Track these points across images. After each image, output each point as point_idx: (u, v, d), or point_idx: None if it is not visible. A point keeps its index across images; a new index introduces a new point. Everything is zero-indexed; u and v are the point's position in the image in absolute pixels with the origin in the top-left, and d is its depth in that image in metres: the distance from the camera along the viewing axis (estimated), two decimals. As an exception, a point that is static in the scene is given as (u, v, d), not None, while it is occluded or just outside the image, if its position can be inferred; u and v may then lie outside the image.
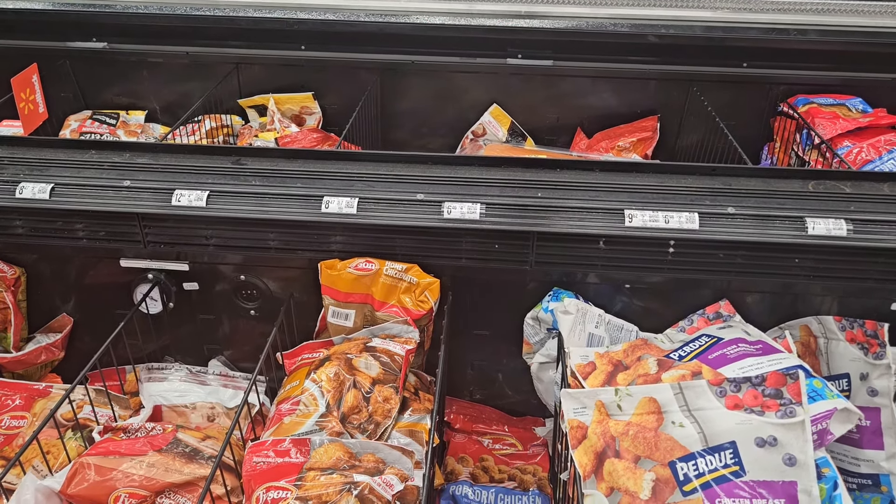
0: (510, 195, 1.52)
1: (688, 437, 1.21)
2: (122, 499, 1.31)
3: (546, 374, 1.63)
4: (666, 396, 1.25)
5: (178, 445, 1.40)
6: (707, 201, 1.50)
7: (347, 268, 1.56)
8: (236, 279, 1.71)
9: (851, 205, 1.48)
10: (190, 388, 1.67)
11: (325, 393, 1.42)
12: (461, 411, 1.89)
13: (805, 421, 1.18)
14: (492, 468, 1.77)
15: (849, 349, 1.50)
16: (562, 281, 1.63)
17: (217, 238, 1.58)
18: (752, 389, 1.23)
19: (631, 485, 1.20)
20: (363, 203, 1.51)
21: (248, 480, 1.29)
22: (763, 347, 1.36)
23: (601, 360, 1.43)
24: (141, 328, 1.74)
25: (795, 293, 1.60)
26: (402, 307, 1.57)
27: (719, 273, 1.52)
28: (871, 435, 1.45)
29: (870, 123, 2.19)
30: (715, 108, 2.34)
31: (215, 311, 1.78)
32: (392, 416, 1.44)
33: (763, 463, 1.18)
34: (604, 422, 1.27)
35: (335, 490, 1.22)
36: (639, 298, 1.64)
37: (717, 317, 1.55)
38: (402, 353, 1.52)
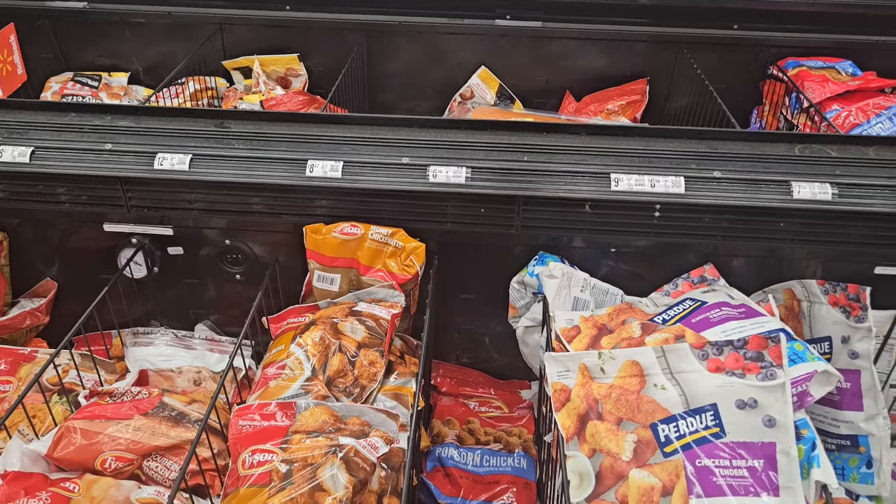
0: (496, 159, 1.50)
1: (669, 399, 1.23)
2: (109, 462, 1.32)
3: (531, 338, 1.64)
4: (649, 359, 1.26)
5: (164, 409, 1.40)
6: (693, 165, 1.49)
7: (332, 232, 1.55)
8: (221, 243, 1.70)
9: (837, 169, 1.48)
10: (176, 353, 1.68)
11: (310, 357, 1.43)
12: (448, 374, 1.91)
13: (785, 383, 1.19)
14: (478, 430, 1.79)
15: (831, 312, 1.51)
16: (547, 245, 1.63)
17: (201, 202, 1.56)
18: (733, 352, 1.24)
19: (613, 446, 1.22)
20: (348, 167, 1.49)
21: (234, 443, 1.30)
22: (746, 311, 1.37)
23: (586, 324, 1.44)
24: (126, 293, 1.74)
25: (780, 257, 1.61)
26: (388, 271, 1.57)
27: (705, 237, 1.52)
28: (850, 397, 1.47)
29: (859, 87, 2.18)
30: (705, 71, 2.32)
31: (201, 276, 1.77)
32: (378, 379, 1.45)
33: (743, 424, 1.19)
34: (587, 385, 1.28)
35: (321, 453, 1.22)
36: (624, 262, 1.64)
37: (701, 280, 1.56)
38: (387, 318, 1.52)
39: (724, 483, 1.17)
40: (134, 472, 1.35)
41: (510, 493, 1.62)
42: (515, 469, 1.67)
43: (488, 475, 1.66)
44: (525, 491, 1.63)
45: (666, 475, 1.18)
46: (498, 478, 1.65)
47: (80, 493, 1.24)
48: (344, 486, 1.17)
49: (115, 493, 1.26)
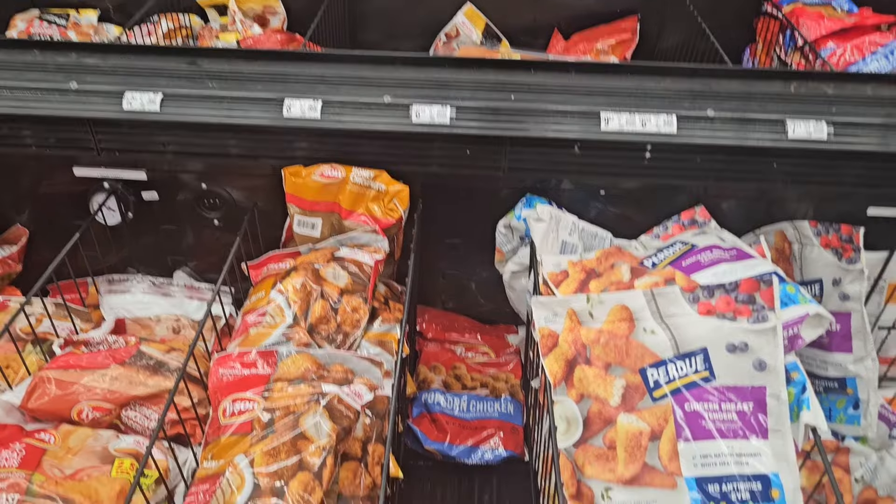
0: (482, 98, 1.44)
1: (659, 343, 1.20)
2: (86, 412, 1.29)
3: (518, 283, 1.61)
4: (638, 303, 1.24)
5: (141, 358, 1.37)
6: (686, 104, 1.44)
7: (312, 175, 1.49)
8: (197, 188, 1.64)
9: (833, 107, 1.43)
10: (153, 300, 1.63)
11: (291, 304, 1.39)
12: (433, 320, 1.88)
13: (777, 326, 1.17)
14: (464, 376, 1.77)
15: (823, 254, 1.49)
16: (535, 187, 1.59)
17: (174, 144, 1.50)
18: (725, 295, 1.21)
19: (601, 391, 1.20)
20: (327, 106, 1.43)
21: (215, 392, 1.27)
22: (737, 253, 1.34)
23: (574, 268, 1.40)
24: (100, 240, 1.68)
25: (772, 198, 1.57)
26: (371, 216, 1.52)
27: (696, 178, 1.48)
28: (840, 339, 1.45)
29: (855, 24, 2.12)
30: (697, 8, 2.25)
31: (177, 222, 1.72)
32: (361, 326, 1.42)
33: (733, 368, 1.17)
34: (575, 329, 1.25)
35: (303, 401, 1.20)
36: (613, 205, 1.60)
37: (692, 223, 1.52)
38: (370, 263, 1.48)
39: (713, 427, 1.16)
40: (112, 421, 1.32)
41: (497, 438, 1.61)
42: (502, 414, 1.66)
43: (475, 420, 1.65)
44: (512, 436, 1.63)
45: (654, 420, 1.16)
46: (485, 423, 1.64)
47: (56, 443, 1.21)
48: (327, 434, 1.15)
49: (93, 444, 1.23)
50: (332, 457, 1.14)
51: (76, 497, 1.12)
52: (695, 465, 1.13)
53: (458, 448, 1.60)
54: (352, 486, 1.22)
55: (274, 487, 1.10)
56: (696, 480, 1.12)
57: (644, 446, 1.15)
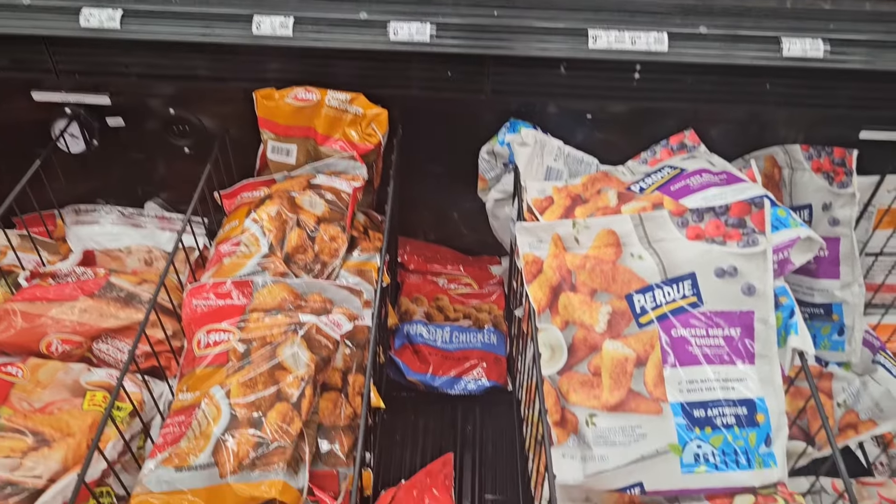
0: (464, 14, 1.36)
1: (646, 269, 1.17)
2: (55, 345, 1.24)
3: (502, 211, 1.57)
4: (625, 228, 1.20)
5: (111, 290, 1.32)
6: (677, 20, 1.37)
7: (286, 98, 1.42)
8: (165, 114, 1.57)
9: (831, 23, 1.37)
10: (123, 231, 1.57)
11: (266, 232, 1.34)
12: (415, 252, 1.84)
13: (767, 250, 1.14)
14: (447, 307, 1.74)
15: (814, 179, 1.45)
16: (519, 111, 1.53)
17: (137, 66, 1.42)
18: (714, 219, 1.17)
19: (586, 318, 1.17)
20: (299, 23, 1.34)
21: (189, 323, 1.23)
22: (727, 177, 1.30)
23: (559, 195, 1.36)
24: (65, 170, 1.61)
25: (763, 122, 1.53)
26: (348, 141, 1.46)
27: (687, 100, 1.42)
28: (827, 265, 1.43)
29: (853, -60, 2.03)
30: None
31: (146, 150, 1.65)
32: (339, 255, 1.37)
33: (721, 293, 1.15)
34: (560, 255, 1.22)
35: (280, 331, 1.16)
36: (600, 129, 1.55)
37: (681, 147, 1.48)
38: (348, 191, 1.43)
39: (700, 352, 1.14)
40: (83, 355, 1.28)
41: (480, 368, 1.60)
42: (485, 345, 1.64)
43: (458, 351, 1.63)
44: (495, 366, 1.61)
45: (640, 346, 1.14)
46: (468, 353, 1.62)
47: (25, 377, 1.18)
48: (305, 364, 1.12)
49: (63, 377, 1.20)
50: (311, 387, 1.11)
51: (46, 430, 1.09)
52: (680, 391, 1.12)
53: (441, 379, 1.58)
54: (332, 416, 1.20)
55: (251, 418, 1.07)
56: (682, 406, 1.11)
57: (629, 372, 1.13)
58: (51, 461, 1.05)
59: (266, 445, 1.05)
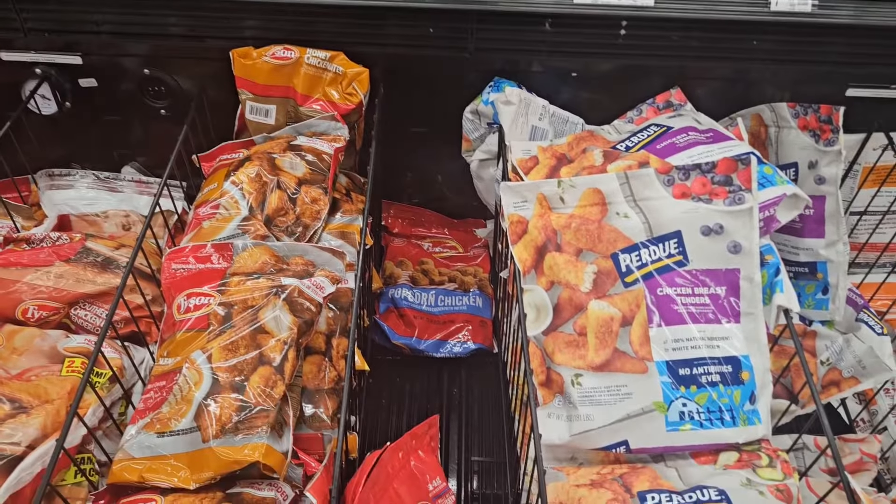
0: (446, -32, 1.33)
1: (632, 227, 1.16)
2: (31, 311, 1.22)
3: (486, 172, 1.54)
4: (611, 187, 1.18)
5: (88, 255, 1.29)
6: (665, -26, 1.34)
7: (263, 56, 1.38)
8: (140, 74, 1.52)
9: (819, -23, 1.35)
10: (99, 196, 1.54)
11: (246, 195, 1.31)
12: (399, 215, 1.82)
13: (753, 208, 1.13)
14: (432, 271, 1.73)
15: (800, 137, 1.44)
16: (503, 70, 1.49)
17: (109, 24, 1.37)
18: (701, 177, 1.16)
19: (572, 278, 1.16)
20: (276, -22, 1.30)
21: (168, 288, 1.20)
22: (714, 135, 1.28)
23: (544, 154, 1.34)
24: (37, 133, 1.56)
25: (749, 80, 1.51)
26: (329, 101, 1.42)
27: (673, 57, 1.40)
28: (813, 224, 1.43)
29: None
30: None
31: (121, 112, 1.60)
32: (321, 217, 1.35)
33: (707, 251, 1.14)
34: (545, 215, 1.20)
35: (261, 294, 1.14)
36: (586, 89, 1.52)
37: (667, 106, 1.46)
38: (330, 152, 1.40)
39: (685, 311, 1.13)
40: (61, 321, 1.26)
41: (466, 332, 1.59)
42: (471, 308, 1.63)
43: (443, 315, 1.62)
44: (481, 329, 1.60)
45: (626, 305, 1.13)
46: (453, 317, 1.61)
47: (1, 344, 1.15)
48: (288, 328, 1.10)
49: (41, 343, 1.17)
50: (294, 350, 1.10)
51: (24, 396, 1.07)
52: (666, 350, 1.11)
53: (427, 342, 1.58)
54: (316, 379, 1.19)
55: (233, 382, 1.05)
56: (667, 364, 1.10)
57: (615, 332, 1.13)
58: (29, 428, 1.03)
59: (249, 409, 1.03)
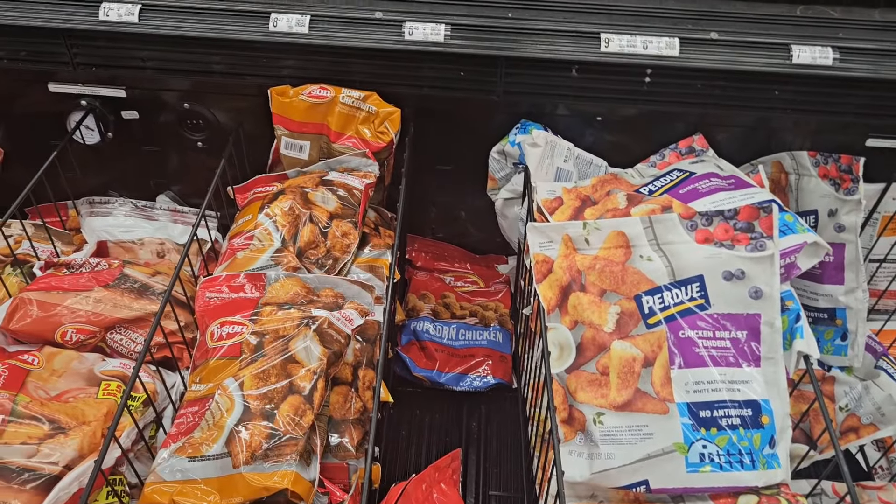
0: (478, 15, 1.38)
1: (655, 270, 1.19)
2: (70, 334, 1.26)
3: (511, 211, 1.58)
4: (635, 230, 1.21)
5: (125, 281, 1.33)
6: (689, 25, 1.39)
7: (300, 95, 1.43)
8: (180, 108, 1.58)
9: (840, 31, 1.39)
10: (136, 223, 1.59)
11: (279, 227, 1.35)
12: (423, 249, 1.86)
13: (774, 255, 1.16)
14: (453, 305, 1.76)
15: (820, 185, 1.47)
16: (530, 113, 1.54)
17: (154, 60, 1.43)
18: (723, 223, 1.19)
19: (595, 318, 1.19)
20: (315, 21, 1.36)
21: (202, 316, 1.24)
22: (736, 182, 1.31)
23: (569, 195, 1.37)
24: (79, 161, 1.62)
25: (770, 128, 1.54)
26: (361, 139, 1.47)
27: (696, 105, 1.44)
28: (832, 270, 1.45)
29: (862, -51, 2.04)
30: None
31: (159, 143, 1.66)
32: (351, 251, 1.39)
33: (729, 296, 1.16)
34: (570, 256, 1.23)
35: (293, 324, 1.18)
36: (610, 132, 1.56)
37: (689, 151, 1.49)
38: (360, 188, 1.44)
39: (706, 354, 1.15)
40: (97, 344, 1.30)
41: (486, 366, 1.61)
42: (491, 342, 1.66)
43: (464, 348, 1.65)
44: (501, 364, 1.63)
45: (648, 346, 1.16)
46: (473, 351, 1.64)
47: (41, 365, 1.19)
48: (318, 358, 1.14)
49: (78, 366, 1.21)
50: (323, 380, 1.13)
51: (62, 417, 1.11)
52: (687, 392, 1.13)
53: (447, 375, 1.60)
54: (342, 409, 1.21)
55: (264, 410, 1.08)
56: (688, 406, 1.12)
57: (637, 372, 1.15)
58: (67, 448, 1.07)
59: (278, 437, 1.06)
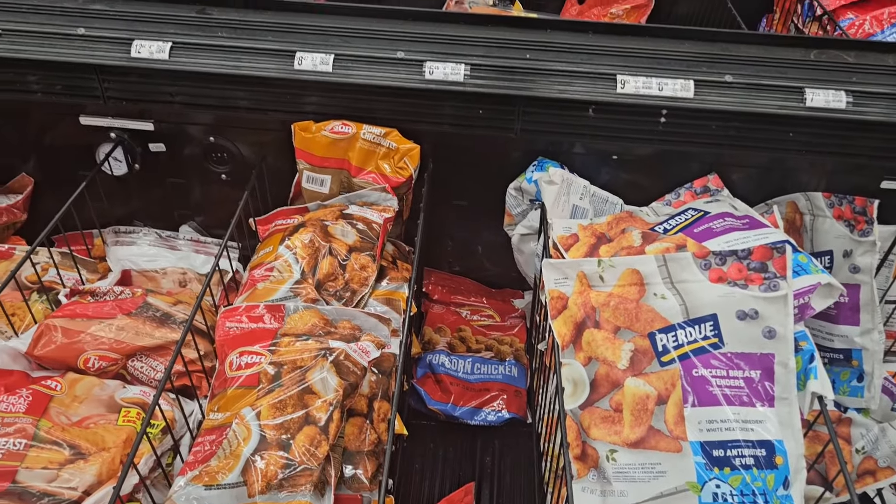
0: (497, 56, 1.42)
1: (669, 308, 1.20)
2: (92, 361, 1.29)
3: (527, 246, 1.60)
4: (649, 268, 1.23)
5: (148, 309, 1.36)
6: (704, 68, 1.42)
7: (322, 130, 1.47)
8: (205, 141, 1.62)
9: (853, 76, 1.41)
10: (160, 253, 1.62)
11: (299, 259, 1.38)
12: (440, 282, 1.88)
13: (788, 295, 1.17)
14: (469, 338, 1.77)
15: (835, 226, 1.47)
16: (547, 150, 1.57)
17: (182, 95, 1.48)
18: (737, 263, 1.20)
19: (609, 354, 1.20)
20: (339, 60, 1.40)
21: (221, 345, 1.27)
22: (750, 222, 1.33)
23: (584, 232, 1.39)
24: (107, 191, 1.66)
25: (785, 169, 1.56)
26: (381, 174, 1.50)
27: (711, 145, 1.46)
28: (848, 311, 1.45)
29: (876, -6, 2.08)
30: (715, -27, 2.21)
31: (184, 175, 1.70)
32: (369, 284, 1.41)
33: (742, 335, 1.17)
34: (585, 292, 1.25)
35: (310, 356, 1.19)
36: (625, 171, 1.59)
37: (704, 190, 1.51)
38: (379, 222, 1.47)
39: (720, 393, 1.16)
40: (118, 371, 1.32)
41: (500, 401, 1.62)
42: (506, 377, 1.67)
43: (479, 382, 1.65)
44: (515, 398, 1.63)
45: (662, 384, 1.16)
46: (489, 385, 1.65)
47: (63, 391, 1.22)
48: (334, 390, 1.15)
49: (99, 392, 1.24)
50: (339, 412, 1.14)
51: (83, 443, 1.13)
52: (700, 430, 1.14)
53: (462, 409, 1.61)
54: (357, 441, 1.22)
55: (280, 440, 1.10)
56: (701, 445, 1.13)
57: (650, 410, 1.16)
58: (86, 474, 1.09)
59: (294, 467, 1.08)
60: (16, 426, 1.13)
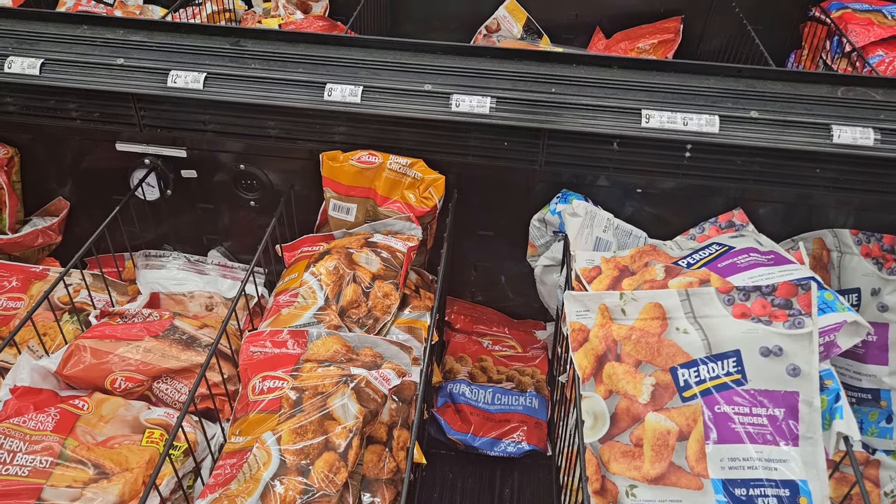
0: (522, 90, 1.44)
1: (691, 343, 1.19)
2: (119, 382, 1.31)
3: (549, 278, 1.61)
4: (672, 302, 1.22)
5: (174, 332, 1.38)
6: (729, 104, 1.42)
7: (350, 160, 1.50)
8: (236, 168, 1.66)
9: (881, 113, 1.41)
10: (188, 277, 1.65)
11: (324, 286, 1.40)
12: (462, 311, 1.88)
13: (813, 332, 1.15)
14: (490, 368, 1.77)
15: (862, 263, 1.46)
16: (571, 183, 1.58)
17: (215, 124, 1.52)
18: (761, 299, 1.20)
19: (630, 388, 1.19)
20: (367, 92, 1.43)
21: (245, 369, 1.28)
22: (775, 258, 1.32)
23: (607, 265, 1.39)
24: (138, 215, 1.71)
25: (811, 205, 1.55)
26: (406, 203, 1.52)
27: (736, 180, 1.46)
28: (876, 350, 1.43)
29: (906, 31, 2.07)
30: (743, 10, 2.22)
31: (214, 201, 1.74)
32: (391, 311, 1.42)
33: (766, 372, 1.16)
34: (606, 325, 1.25)
35: (332, 382, 1.21)
36: (649, 204, 1.59)
37: (729, 225, 1.51)
38: (403, 250, 1.49)
39: (742, 430, 1.14)
40: (144, 393, 1.34)
41: (520, 432, 1.61)
42: (527, 408, 1.66)
43: (499, 413, 1.65)
44: (536, 430, 1.62)
45: (683, 420, 1.15)
46: (509, 416, 1.64)
47: (90, 410, 1.24)
48: (354, 416, 1.16)
49: (125, 413, 1.26)
50: (358, 438, 1.15)
51: (107, 463, 1.14)
52: (722, 468, 1.12)
53: (481, 439, 1.60)
54: (375, 468, 1.23)
55: (300, 466, 1.10)
56: (723, 483, 1.11)
57: (671, 446, 1.14)
58: (109, 494, 1.10)
59: (312, 493, 1.08)
60: (43, 444, 1.15)
